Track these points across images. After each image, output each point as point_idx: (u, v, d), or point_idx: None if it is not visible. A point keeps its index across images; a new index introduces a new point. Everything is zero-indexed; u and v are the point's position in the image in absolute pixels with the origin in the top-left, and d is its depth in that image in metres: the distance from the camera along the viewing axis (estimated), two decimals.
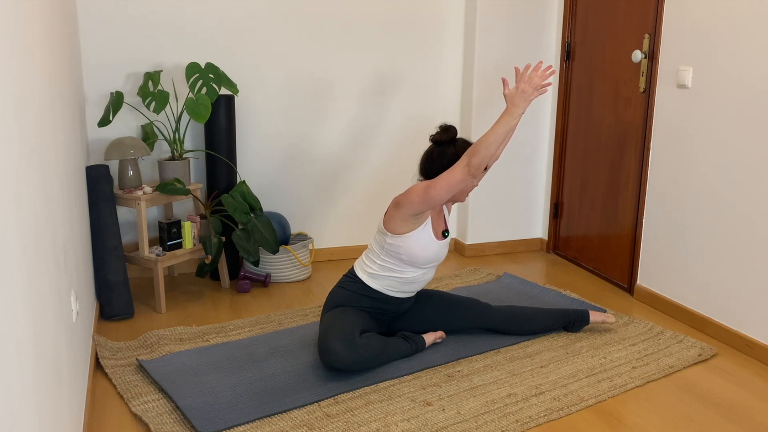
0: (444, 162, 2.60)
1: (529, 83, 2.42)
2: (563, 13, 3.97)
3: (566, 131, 4.05)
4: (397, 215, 2.58)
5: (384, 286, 2.68)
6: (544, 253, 4.27)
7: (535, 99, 4.07)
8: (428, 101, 4.07)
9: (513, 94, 2.44)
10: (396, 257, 2.63)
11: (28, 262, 1.35)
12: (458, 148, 2.61)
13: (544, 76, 2.44)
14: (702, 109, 3.02)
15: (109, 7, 3.38)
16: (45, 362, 1.46)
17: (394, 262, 2.64)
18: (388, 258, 2.64)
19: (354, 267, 2.76)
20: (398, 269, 2.65)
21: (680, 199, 3.17)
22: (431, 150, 2.66)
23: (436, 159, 2.63)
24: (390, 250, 2.63)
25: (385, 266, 2.65)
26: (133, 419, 2.30)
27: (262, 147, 3.78)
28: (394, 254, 2.63)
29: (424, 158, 2.68)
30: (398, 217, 2.58)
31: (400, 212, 2.57)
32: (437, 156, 2.63)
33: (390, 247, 2.62)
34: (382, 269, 2.66)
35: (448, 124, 2.67)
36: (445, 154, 2.61)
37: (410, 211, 2.55)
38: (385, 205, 4.10)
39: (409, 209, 2.55)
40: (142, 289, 3.50)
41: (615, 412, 2.38)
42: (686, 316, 3.17)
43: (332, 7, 3.74)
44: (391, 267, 2.65)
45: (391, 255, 2.63)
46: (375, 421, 2.28)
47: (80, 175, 2.82)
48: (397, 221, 2.58)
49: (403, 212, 2.56)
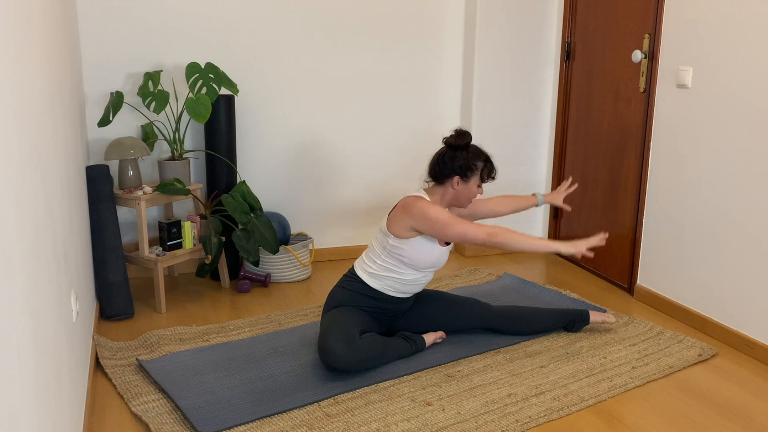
0: (455, 166, 2.61)
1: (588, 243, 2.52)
2: (563, 13, 3.97)
3: (566, 131, 4.05)
4: (403, 223, 2.59)
5: (384, 285, 2.68)
6: (544, 253, 4.27)
7: (535, 98, 4.11)
8: (428, 101, 4.07)
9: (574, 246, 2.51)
10: (397, 259, 2.63)
11: (28, 262, 1.35)
12: (471, 154, 2.63)
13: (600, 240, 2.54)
14: (702, 109, 3.02)
15: (109, 7, 3.38)
16: (45, 362, 1.46)
17: (395, 264, 2.65)
18: (389, 259, 2.64)
19: (354, 266, 2.76)
20: (398, 270, 2.65)
21: (680, 199, 3.17)
22: (443, 152, 2.66)
23: (447, 162, 2.63)
24: (392, 252, 2.63)
25: (385, 266, 2.66)
26: (133, 419, 2.30)
27: (262, 147, 3.78)
28: (395, 256, 2.63)
29: (435, 160, 2.68)
30: (404, 226, 2.59)
31: (407, 222, 2.58)
32: (449, 159, 2.63)
33: (392, 249, 2.62)
34: (382, 269, 2.66)
35: (463, 129, 2.69)
36: (457, 158, 2.62)
37: (417, 228, 2.58)
38: (385, 205, 4.10)
39: (417, 226, 2.57)
40: (142, 289, 3.50)
41: (615, 412, 2.38)
42: (686, 316, 3.17)
43: (332, 7, 3.74)
44: (391, 268, 2.65)
45: (392, 256, 2.64)
46: (375, 421, 2.28)
47: (80, 175, 2.82)
48: (402, 227, 2.60)
49: (410, 225, 2.58)
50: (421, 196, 2.65)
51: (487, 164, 2.65)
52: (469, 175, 2.63)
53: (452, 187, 2.65)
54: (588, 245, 2.50)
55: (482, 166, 2.64)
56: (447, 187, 2.67)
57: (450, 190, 2.66)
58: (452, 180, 2.64)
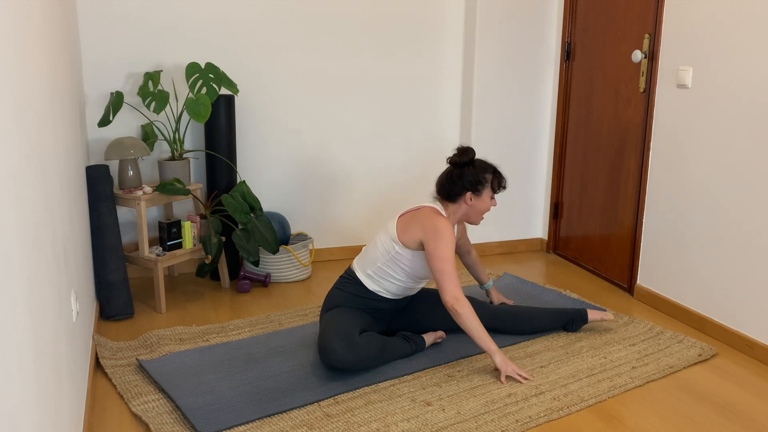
0: (465, 182, 2.66)
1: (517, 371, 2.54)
2: (563, 13, 3.97)
3: (566, 131, 4.05)
4: (415, 236, 2.61)
5: (379, 288, 2.70)
6: (544, 253, 4.27)
7: (535, 99, 4.11)
8: (428, 100, 4.07)
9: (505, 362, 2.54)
10: (398, 266, 2.65)
11: (28, 262, 1.35)
12: (478, 168, 2.67)
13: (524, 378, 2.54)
14: (702, 109, 3.02)
15: (109, 7, 3.38)
16: (45, 362, 1.46)
17: (395, 270, 2.66)
18: (391, 264, 2.66)
19: (353, 266, 2.77)
20: (396, 277, 2.68)
21: (680, 199, 3.17)
22: (450, 171, 2.70)
23: (456, 180, 2.67)
24: (395, 258, 2.64)
25: (384, 270, 2.67)
26: (133, 419, 2.30)
27: (262, 147, 3.78)
28: (397, 262, 2.65)
29: (443, 179, 2.72)
30: (414, 238, 2.61)
31: (418, 236, 2.60)
32: (457, 177, 2.67)
33: (397, 255, 2.64)
34: (381, 272, 2.68)
35: (465, 146, 2.73)
36: (465, 174, 2.66)
37: (424, 242, 2.59)
38: (384, 205, 4.10)
39: (425, 240, 2.58)
40: (142, 289, 3.50)
41: (615, 412, 2.38)
42: (686, 316, 3.17)
43: (332, 7, 3.74)
44: (390, 273, 2.67)
45: (394, 262, 2.65)
46: (375, 421, 2.28)
47: (80, 175, 2.82)
48: (412, 239, 2.62)
49: (421, 238, 2.59)
50: (440, 211, 2.68)
51: (496, 175, 2.71)
52: (480, 189, 2.67)
53: (465, 203, 2.69)
54: (514, 373, 2.54)
55: (491, 177, 2.69)
56: (460, 204, 2.70)
57: (463, 206, 2.70)
58: (464, 196, 2.68)
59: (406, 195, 4.15)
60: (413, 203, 4.17)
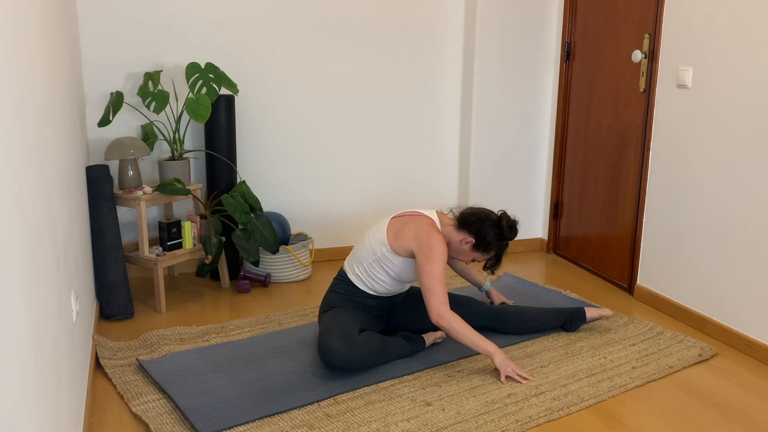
0: (484, 239, 2.63)
1: (516, 371, 2.54)
2: (563, 13, 3.97)
3: (566, 131, 4.05)
4: (406, 245, 2.60)
5: (370, 287, 2.72)
6: (544, 253, 4.27)
7: (535, 99, 4.11)
8: (428, 101, 4.07)
9: (504, 362, 2.54)
10: (383, 269, 2.66)
11: (28, 262, 1.35)
12: (502, 246, 2.69)
13: (523, 378, 2.54)
14: (702, 109, 3.02)
15: (109, 7, 3.38)
16: (45, 362, 1.46)
17: (379, 271, 2.67)
18: (375, 265, 2.66)
19: (344, 267, 2.77)
20: (380, 278, 2.69)
21: (680, 199, 3.17)
22: (492, 222, 2.65)
23: (483, 231, 2.63)
24: (381, 260, 2.64)
25: (369, 271, 2.68)
26: (133, 419, 2.30)
27: (262, 147, 3.78)
28: (383, 265, 2.65)
29: (476, 216, 2.66)
30: (405, 247, 2.60)
31: (410, 247, 2.59)
32: (486, 231, 2.63)
33: (383, 258, 2.64)
34: (366, 272, 2.69)
35: (517, 226, 2.69)
36: (493, 238, 2.64)
37: (415, 253, 2.58)
38: (384, 205, 4.10)
39: (416, 252, 2.57)
40: (142, 289, 3.50)
41: (615, 412, 2.38)
42: (686, 316, 3.17)
43: (332, 7, 3.74)
44: (374, 274, 2.68)
45: (379, 265, 2.65)
46: (375, 421, 2.28)
47: (80, 175, 2.82)
48: (402, 247, 2.61)
49: (412, 249, 2.59)
50: (437, 224, 2.67)
51: (498, 260, 2.72)
52: (480, 251, 2.68)
53: (460, 240, 2.67)
54: (514, 373, 2.54)
55: (493, 256, 2.71)
56: (460, 234, 2.67)
57: (457, 239, 2.67)
58: (467, 237, 2.66)
59: (406, 195, 4.15)
60: (413, 203, 4.17)
